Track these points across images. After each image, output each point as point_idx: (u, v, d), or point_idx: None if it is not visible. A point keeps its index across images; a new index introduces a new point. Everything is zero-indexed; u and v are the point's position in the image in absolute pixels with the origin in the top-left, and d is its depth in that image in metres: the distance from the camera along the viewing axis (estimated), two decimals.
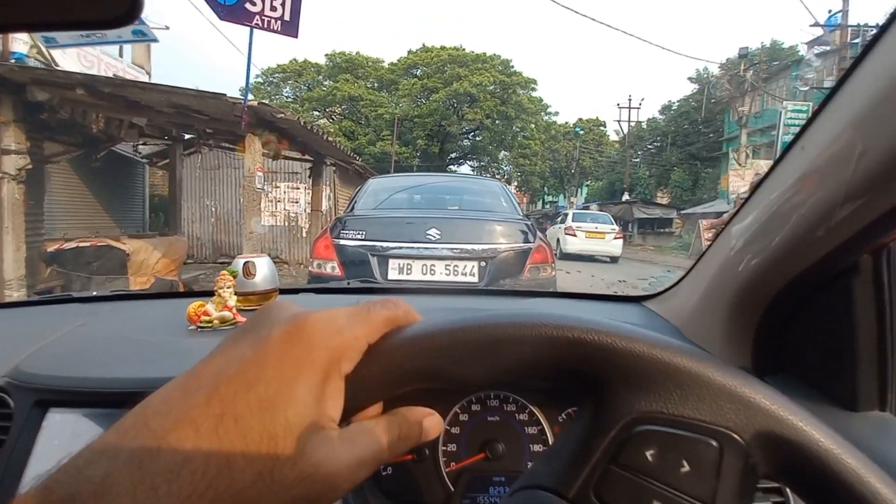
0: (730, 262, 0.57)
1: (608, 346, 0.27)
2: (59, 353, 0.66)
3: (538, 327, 0.28)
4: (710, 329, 0.64)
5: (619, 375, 0.27)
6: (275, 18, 4.08)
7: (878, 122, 0.35)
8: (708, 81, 24.23)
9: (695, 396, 0.26)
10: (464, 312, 0.30)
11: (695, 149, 24.64)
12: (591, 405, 0.28)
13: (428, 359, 0.28)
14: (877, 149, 0.34)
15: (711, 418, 0.25)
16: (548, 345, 0.27)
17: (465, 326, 0.28)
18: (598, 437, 0.27)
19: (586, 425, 0.28)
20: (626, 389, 0.27)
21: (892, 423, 0.48)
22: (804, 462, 0.24)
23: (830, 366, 0.50)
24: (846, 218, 0.39)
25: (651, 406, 0.26)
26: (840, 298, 0.48)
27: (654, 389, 0.26)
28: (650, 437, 0.26)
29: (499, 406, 0.59)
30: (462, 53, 25.30)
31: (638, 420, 0.26)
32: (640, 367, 0.26)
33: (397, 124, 23.52)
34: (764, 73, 17.88)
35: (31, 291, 4.77)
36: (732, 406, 0.25)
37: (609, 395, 0.27)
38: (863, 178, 0.36)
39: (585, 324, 0.28)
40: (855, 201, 0.37)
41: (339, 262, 2.68)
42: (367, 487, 0.54)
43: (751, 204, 0.54)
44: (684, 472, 0.25)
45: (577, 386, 0.29)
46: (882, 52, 0.35)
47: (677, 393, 0.26)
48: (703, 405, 0.26)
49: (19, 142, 4.57)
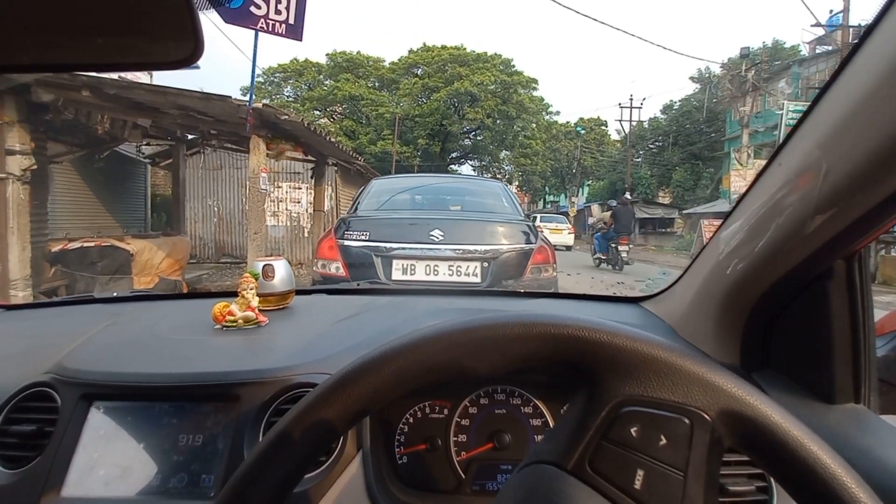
0: (719, 266, 0.61)
1: (597, 341, 0.32)
2: (97, 350, 0.71)
3: (540, 326, 0.33)
4: (701, 328, 0.68)
5: (607, 365, 0.32)
6: (279, 22, 4.12)
7: (839, 145, 0.39)
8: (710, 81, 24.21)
9: (669, 381, 0.31)
10: (473, 314, 0.36)
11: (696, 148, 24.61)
12: (585, 391, 0.34)
13: (444, 354, 0.33)
14: (839, 168, 0.39)
15: (683, 399, 0.31)
16: (547, 340, 0.33)
17: (478, 325, 0.34)
18: (590, 417, 0.32)
19: (581, 408, 0.33)
20: (613, 377, 0.32)
21: (865, 414, 0.52)
22: (759, 434, 0.30)
23: (810, 362, 0.55)
24: (818, 227, 0.43)
25: (634, 390, 0.32)
26: (818, 300, 0.52)
27: (635, 376, 0.32)
28: (634, 416, 0.31)
29: (505, 399, 0.63)
30: (463, 53, 25.28)
31: (623, 402, 0.32)
32: (623, 357, 0.32)
33: (398, 124, 23.53)
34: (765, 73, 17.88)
35: (36, 291, 4.81)
36: (700, 389, 0.31)
37: (599, 382, 0.33)
38: (829, 194, 0.40)
39: (578, 322, 0.33)
40: (824, 213, 0.42)
41: (343, 263, 2.71)
42: (386, 475, 0.58)
43: (737, 212, 0.59)
44: (662, 444, 0.31)
45: (572, 375, 0.34)
46: (844, 81, 0.40)
47: (655, 379, 0.31)
48: (677, 388, 0.31)
49: (24, 142, 4.60)
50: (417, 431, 0.61)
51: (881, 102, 0.35)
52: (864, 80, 0.37)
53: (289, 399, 0.59)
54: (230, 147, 7.53)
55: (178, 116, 5.34)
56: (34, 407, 0.61)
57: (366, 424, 0.57)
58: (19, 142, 4.54)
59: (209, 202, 10.04)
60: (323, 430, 0.33)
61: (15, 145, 4.52)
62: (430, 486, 0.60)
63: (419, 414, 0.62)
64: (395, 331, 0.73)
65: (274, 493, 0.33)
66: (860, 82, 0.38)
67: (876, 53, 0.37)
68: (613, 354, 0.32)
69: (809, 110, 0.44)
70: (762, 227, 0.50)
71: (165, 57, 0.34)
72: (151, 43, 0.34)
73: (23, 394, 0.61)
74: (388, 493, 0.56)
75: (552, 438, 0.35)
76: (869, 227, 0.42)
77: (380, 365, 0.33)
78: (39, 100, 4.56)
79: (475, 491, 0.59)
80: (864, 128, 0.37)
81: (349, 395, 0.33)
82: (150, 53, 0.34)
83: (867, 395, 0.53)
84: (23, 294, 4.60)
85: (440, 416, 0.62)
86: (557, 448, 0.33)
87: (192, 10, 0.32)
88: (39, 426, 0.59)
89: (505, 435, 0.60)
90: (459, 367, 0.34)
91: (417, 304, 0.96)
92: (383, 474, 0.58)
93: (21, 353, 0.73)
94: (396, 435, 0.61)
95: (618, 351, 0.32)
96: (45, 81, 4.55)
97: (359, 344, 0.68)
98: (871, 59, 0.37)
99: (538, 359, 0.34)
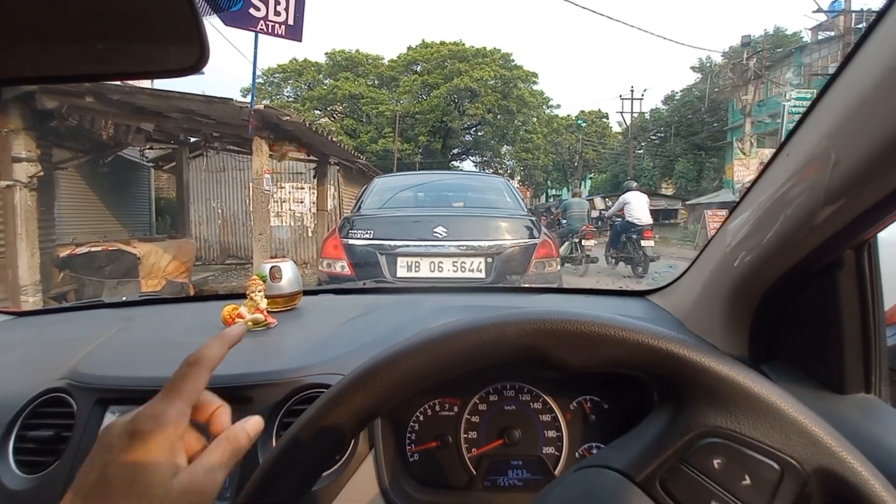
0: (726, 258, 0.61)
1: (696, 364, 0.31)
2: (110, 355, 0.72)
3: (636, 333, 0.33)
4: (709, 321, 0.68)
5: (702, 392, 0.31)
6: (279, 23, 4.12)
7: (848, 136, 0.39)
8: (711, 70, 24.02)
9: (766, 424, 0.30)
10: (478, 311, 0.36)
11: (699, 139, 24.44)
12: (669, 409, 0.33)
13: (538, 338, 0.33)
14: (848, 159, 0.39)
15: (779, 445, 0.30)
16: (642, 351, 0.32)
17: (570, 318, 0.34)
18: (672, 437, 0.32)
19: (663, 425, 0.33)
20: (706, 404, 0.31)
21: (876, 404, 0.52)
22: (855, 501, 0.28)
23: (820, 353, 0.54)
24: (827, 218, 0.43)
25: (726, 423, 0.31)
26: (827, 291, 0.52)
27: (730, 410, 0.31)
28: (720, 448, 0.30)
29: (514, 396, 0.64)
30: (462, 48, 25.17)
31: (712, 432, 0.31)
32: (722, 388, 0.31)
33: (399, 121, 23.50)
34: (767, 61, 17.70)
35: (46, 296, 4.86)
36: (801, 440, 0.29)
37: (689, 404, 0.32)
38: (838, 185, 0.40)
39: (677, 340, 0.32)
40: (833, 204, 0.42)
41: (348, 262, 2.73)
42: (399, 473, 0.59)
43: (744, 203, 0.58)
44: (745, 484, 0.30)
45: (660, 389, 0.34)
46: (852, 71, 0.39)
47: (752, 417, 0.30)
48: (774, 433, 0.30)
49: (30, 150, 4.64)
50: (428, 429, 0.62)
51: (889, 92, 0.35)
52: (872, 69, 0.37)
53: (301, 400, 0.59)
54: (233, 149, 7.55)
55: (180, 120, 5.36)
56: (51, 412, 0.62)
57: (377, 424, 0.58)
58: (25, 149, 4.58)
59: (213, 204, 10.09)
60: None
61: (21, 153, 4.56)
62: (442, 482, 0.60)
63: (429, 412, 0.63)
64: (403, 329, 0.73)
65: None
66: (867, 71, 0.37)
67: (884, 42, 0.36)
68: (711, 383, 0.31)
69: (817, 100, 0.43)
70: (770, 219, 0.50)
71: (172, 64, 0.34)
72: (157, 51, 0.34)
73: (39, 399, 0.62)
74: (401, 491, 0.56)
75: (622, 447, 0.35)
76: (879, 217, 0.42)
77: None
78: (44, 107, 4.59)
79: (486, 487, 0.60)
80: (872, 118, 0.37)
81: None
82: (157, 61, 0.35)
83: (878, 384, 0.53)
84: (33, 299, 4.65)
85: (450, 414, 0.62)
86: (628, 458, 0.33)
87: (197, 17, 0.32)
88: (56, 431, 0.60)
89: (515, 431, 0.61)
90: (549, 356, 0.34)
91: (423, 302, 0.96)
92: (396, 472, 0.58)
93: (36, 359, 0.74)
94: (408, 433, 0.62)
95: (717, 380, 0.31)
96: (49, 89, 4.58)
97: (368, 343, 0.69)
98: (879, 48, 0.37)
99: (627, 365, 0.33)
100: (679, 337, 0.33)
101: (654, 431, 0.33)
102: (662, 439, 0.32)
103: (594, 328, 0.33)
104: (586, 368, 0.34)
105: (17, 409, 0.62)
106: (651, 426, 0.34)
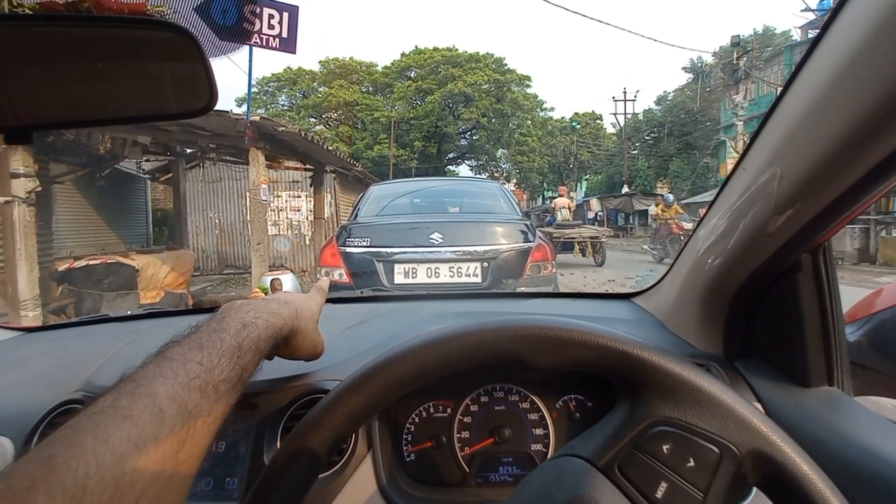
0: (698, 263, 0.65)
1: (648, 362, 0.36)
2: (123, 367, 0.75)
3: (596, 336, 0.37)
4: (687, 321, 0.72)
5: (653, 386, 0.36)
6: (273, 36, 4.18)
7: (789, 152, 0.43)
8: (702, 71, 24.23)
9: (707, 413, 0.35)
10: (472, 317, 0.40)
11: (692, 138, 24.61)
12: (627, 403, 0.38)
13: (513, 343, 0.38)
14: (791, 174, 0.43)
15: (718, 431, 0.34)
16: (602, 352, 0.37)
17: (539, 324, 0.38)
18: (628, 427, 0.36)
19: (621, 418, 0.38)
20: (657, 397, 0.36)
21: (838, 396, 0.56)
22: (783, 479, 0.33)
23: (786, 349, 0.58)
24: (779, 227, 0.47)
25: (673, 413, 0.35)
26: (788, 291, 0.56)
27: (677, 401, 0.35)
28: (668, 435, 0.35)
29: (504, 396, 0.67)
30: (455, 54, 25.36)
31: (662, 421, 0.35)
32: (670, 381, 0.36)
33: (394, 127, 23.60)
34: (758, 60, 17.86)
35: (46, 311, 4.86)
36: (736, 426, 0.34)
37: (643, 397, 0.37)
38: (784, 197, 0.44)
39: (632, 341, 0.37)
40: (782, 214, 0.46)
41: (346, 270, 2.76)
42: (396, 472, 0.62)
43: (711, 212, 0.62)
44: (689, 466, 0.34)
45: (616, 384, 0.39)
46: (795, 89, 0.43)
47: (695, 407, 0.35)
48: (714, 420, 0.34)
49: (27, 165, 4.65)
50: (423, 430, 0.65)
51: (824, 112, 0.39)
52: (809, 90, 0.40)
53: (303, 404, 0.63)
54: (229, 160, 7.60)
55: (177, 132, 5.40)
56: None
57: (375, 426, 0.61)
58: (23, 165, 4.59)
59: (210, 214, 10.11)
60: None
61: (19, 168, 4.58)
62: (438, 480, 0.64)
63: (424, 414, 0.66)
64: (399, 336, 0.77)
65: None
66: (806, 91, 0.41)
67: (819, 65, 0.40)
68: (661, 378, 0.36)
69: (767, 116, 0.47)
70: (731, 227, 0.54)
71: (185, 107, 0.39)
72: (173, 98, 0.38)
73: (57, 411, 0.65)
74: (398, 489, 0.60)
75: (588, 438, 0.39)
76: (826, 224, 0.46)
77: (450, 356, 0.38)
78: None
79: (479, 483, 0.63)
80: (810, 136, 0.41)
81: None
82: (173, 105, 0.39)
83: (840, 377, 0.57)
84: (33, 314, 4.65)
85: (444, 415, 0.66)
86: (592, 447, 0.37)
87: (207, 66, 0.36)
88: None
89: (505, 430, 0.64)
90: (521, 359, 0.38)
91: (419, 309, 0.99)
92: (393, 471, 0.61)
93: (50, 373, 0.77)
94: (404, 434, 0.65)
95: (665, 375, 0.35)
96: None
97: (366, 350, 0.72)
98: (814, 70, 0.40)
99: (592, 365, 0.38)
100: (634, 339, 0.37)
101: (615, 422, 0.38)
102: (621, 429, 0.36)
103: (560, 333, 0.37)
104: (557, 369, 0.38)
105: (35, 421, 0.64)
106: (612, 418, 0.38)
